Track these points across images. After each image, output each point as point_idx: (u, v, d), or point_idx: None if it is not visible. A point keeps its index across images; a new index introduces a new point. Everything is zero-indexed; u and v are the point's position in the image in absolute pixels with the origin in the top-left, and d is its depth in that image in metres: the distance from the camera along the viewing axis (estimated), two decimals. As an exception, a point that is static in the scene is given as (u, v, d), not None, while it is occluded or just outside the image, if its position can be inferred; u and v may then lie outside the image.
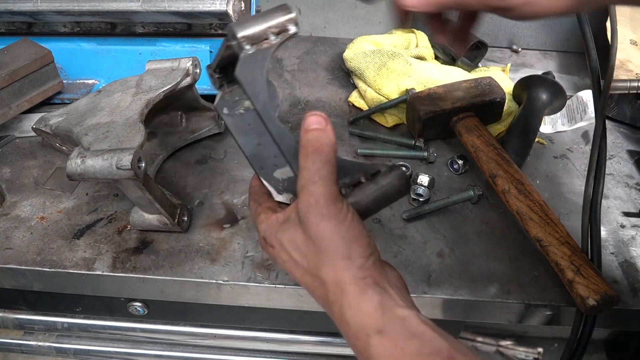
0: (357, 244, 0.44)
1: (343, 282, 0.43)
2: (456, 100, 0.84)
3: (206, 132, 0.87)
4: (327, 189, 0.44)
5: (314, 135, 0.45)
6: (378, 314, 0.42)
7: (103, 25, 0.91)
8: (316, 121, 0.45)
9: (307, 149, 0.45)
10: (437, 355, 0.40)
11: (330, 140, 0.45)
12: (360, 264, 0.44)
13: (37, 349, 0.89)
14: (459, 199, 0.76)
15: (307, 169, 0.44)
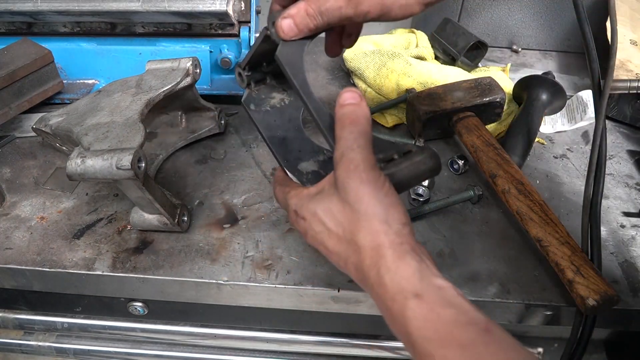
0: (395, 210, 0.45)
1: (381, 246, 0.44)
2: (456, 100, 0.84)
3: (206, 132, 0.87)
4: (365, 156, 0.45)
5: (349, 109, 0.47)
6: (416, 279, 0.42)
7: (103, 25, 0.91)
8: (351, 97, 0.48)
9: (344, 121, 0.47)
10: (474, 325, 0.40)
11: (365, 113, 0.48)
12: (397, 230, 0.44)
13: (37, 349, 0.89)
14: (459, 199, 0.76)
15: (344, 139, 0.46)
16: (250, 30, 0.90)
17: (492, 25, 1.17)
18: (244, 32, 0.90)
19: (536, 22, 1.16)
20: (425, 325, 0.41)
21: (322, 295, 0.65)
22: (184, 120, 0.86)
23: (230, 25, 0.90)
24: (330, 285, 0.64)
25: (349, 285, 0.64)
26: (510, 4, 1.14)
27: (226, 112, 0.90)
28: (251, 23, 0.90)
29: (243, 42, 0.90)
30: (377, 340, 0.81)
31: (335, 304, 0.66)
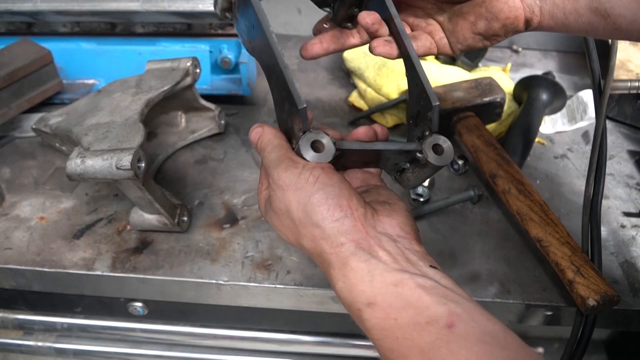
0: (323, 208, 0.41)
1: (323, 253, 0.41)
2: (456, 100, 0.84)
3: (206, 132, 0.87)
4: (281, 162, 0.44)
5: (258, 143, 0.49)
6: (366, 284, 0.39)
7: (103, 25, 0.91)
8: (256, 133, 0.49)
9: (261, 152, 0.48)
10: (434, 323, 0.36)
11: (269, 134, 0.48)
12: (334, 229, 0.41)
13: (36, 349, 0.89)
14: (459, 199, 0.75)
15: (265, 161, 0.46)
16: (250, 30, 0.90)
17: (492, 25, 1.16)
18: (243, 32, 0.90)
19: (536, 22, 1.16)
20: (385, 335, 0.38)
21: (322, 295, 0.65)
22: (184, 120, 0.86)
23: (230, 25, 0.90)
24: (330, 285, 0.64)
25: (349, 285, 0.64)
26: (511, 3, 1.13)
27: (226, 112, 0.90)
28: (251, 23, 0.90)
29: (243, 42, 0.90)
30: (377, 341, 0.81)
31: (335, 304, 0.66)
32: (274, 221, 0.46)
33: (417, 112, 0.51)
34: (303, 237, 0.43)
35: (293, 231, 0.44)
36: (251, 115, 0.95)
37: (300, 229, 0.43)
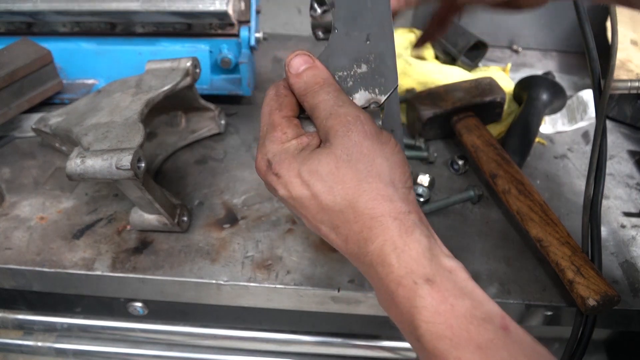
0: (402, 170, 0.39)
1: (385, 216, 0.37)
2: (456, 100, 0.84)
3: (206, 132, 0.87)
4: (360, 110, 0.40)
5: (309, 74, 0.42)
6: (426, 260, 0.36)
7: (103, 25, 0.91)
8: (303, 60, 0.42)
9: (313, 87, 0.41)
10: (491, 322, 0.34)
11: (326, 73, 0.42)
12: (404, 195, 0.38)
13: (36, 350, 0.89)
14: (459, 199, 0.75)
15: (325, 100, 0.40)
16: (250, 30, 0.90)
17: (492, 25, 1.16)
18: (244, 32, 0.90)
19: (536, 22, 1.16)
20: (437, 319, 0.34)
21: (322, 295, 0.65)
22: (184, 120, 0.86)
23: (230, 25, 0.90)
24: (330, 285, 0.64)
25: (349, 285, 0.64)
26: (511, 3, 1.13)
27: (226, 112, 0.90)
28: (251, 23, 0.90)
29: (243, 42, 0.90)
30: (377, 341, 0.81)
31: (335, 304, 0.66)
32: (319, 170, 0.39)
33: None
34: (363, 192, 0.38)
35: (349, 185, 0.38)
36: (251, 115, 0.95)
37: (364, 183, 0.38)
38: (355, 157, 0.38)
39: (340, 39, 0.44)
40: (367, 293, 0.64)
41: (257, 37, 0.91)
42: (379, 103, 0.42)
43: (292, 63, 0.42)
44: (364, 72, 0.43)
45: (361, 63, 0.43)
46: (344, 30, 0.44)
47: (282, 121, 0.43)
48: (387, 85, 0.42)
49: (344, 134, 0.39)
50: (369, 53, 0.43)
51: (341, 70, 0.44)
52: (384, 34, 0.43)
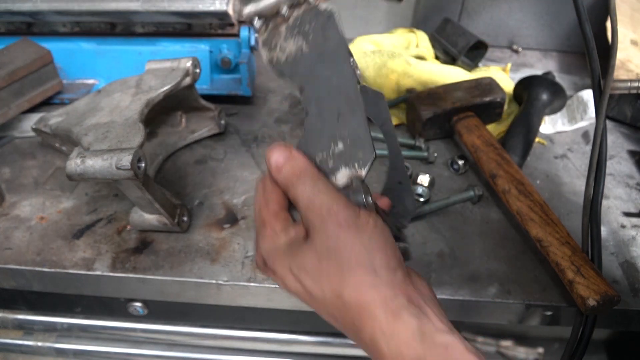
0: (382, 254, 0.39)
1: (371, 304, 0.37)
2: (456, 100, 0.84)
3: (206, 132, 0.87)
4: (334, 196, 0.40)
5: (287, 168, 0.42)
6: (417, 341, 0.36)
7: (103, 25, 0.91)
8: (281, 155, 0.42)
9: (291, 181, 0.42)
10: None
11: (303, 161, 0.42)
12: (387, 279, 0.38)
13: (36, 350, 0.89)
14: (459, 199, 0.75)
15: (302, 192, 0.41)
16: (250, 30, 0.90)
17: (492, 25, 1.16)
18: (243, 32, 0.90)
19: (536, 22, 1.16)
20: None
21: (322, 296, 0.65)
22: (184, 120, 0.86)
23: (230, 25, 0.90)
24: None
25: (349, 285, 0.64)
26: (511, 3, 1.14)
27: (226, 112, 0.90)
28: (251, 23, 0.90)
29: (243, 42, 0.90)
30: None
31: (335, 304, 0.66)
32: (305, 266, 0.40)
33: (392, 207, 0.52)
34: (347, 285, 0.38)
35: (333, 278, 0.39)
36: (251, 115, 0.94)
37: (346, 275, 0.38)
38: (333, 249, 0.38)
39: (314, 120, 0.45)
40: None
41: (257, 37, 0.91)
42: (361, 178, 0.42)
43: (271, 159, 0.42)
44: (341, 150, 0.43)
45: (337, 141, 0.43)
46: (316, 111, 0.45)
47: (270, 218, 0.43)
48: (365, 158, 0.42)
49: (320, 228, 0.39)
50: (342, 130, 0.43)
51: (321, 151, 0.44)
52: (353, 110, 0.43)
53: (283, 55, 0.46)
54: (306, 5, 0.46)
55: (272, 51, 0.47)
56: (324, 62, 0.45)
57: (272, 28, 0.47)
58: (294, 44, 0.46)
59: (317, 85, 0.45)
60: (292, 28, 0.46)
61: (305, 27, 0.46)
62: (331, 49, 0.44)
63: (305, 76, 0.45)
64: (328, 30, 0.44)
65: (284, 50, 0.46)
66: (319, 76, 0.45)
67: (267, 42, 0.47)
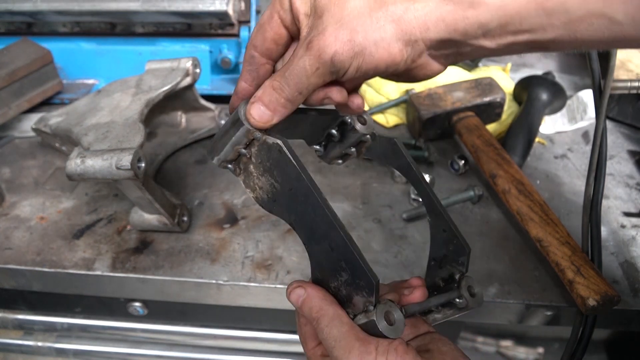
0: None
1: None
2: (456, 100, 0.84)
3: (206, 132, 0.87)
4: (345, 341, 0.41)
5: (305, 309, 0.44)
6: None
7: (103, 25, 0.91)
8: (297, 296, 0.44)
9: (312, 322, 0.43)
10: None
11: (319, 301, 0.43)
12: None
13: (36, 350, 0.89)
14: (459, 199, 0.75)
15: (322, 330, 0.42)
16: (250, 30, 0.90)
17: (492, 25, 1.16)
18: (243, 32, 0.90)
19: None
20: None
21: (322, 296, 0.65)
22: (184, 120, 0.86)
23: (230, 25, 0.90)
24: None
25: (349, 285, 0.64)
26: (511, 3, 1.13)
27: (226, 112, 0.90)
28: (251, 23, 0.90)
29: (243, 42, 0.90)
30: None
31: (335, 304, 0.66)
32: None
33: (443, 256, 0.52)
34: None
35: None
36: (251, 115, 0.94)
37: None
38: None
39: (315, 253, 0.45)
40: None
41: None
42: (372, 304, 0.42)
43: (292, 300, 0.44)
44: (347, 279, 0.43)
45: (340, 271, 0.43)
46: (312, 245, 0.45)
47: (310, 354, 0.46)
48: (368, 286, 0.42)
49: None
50: (339, 260, 0.43)
51: (332, 281, 0.44)
52: (338, 238, 0.42)
53: (263, 193, 0.47)
54: (256, 141, 0.46)
55: (254, 191, 0.47)
56: (297, 198, 0.44)
57: (244, 169, 0.47)
58: (266, 182, 0.46)
59: (302, 219, 0.45)
60: (257, 166, 0.46)
61: (267, 164, 0.46)
62: (294, 182, 0.44)
63: (289, 211, 0.45)
64: (283, 164, 0.44)
65: (262, 188, 0.47)
66: (300, 211, 0.45)
67: (246, 184, 0.48)
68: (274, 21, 0.45)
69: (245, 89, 0.50)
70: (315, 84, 0.43)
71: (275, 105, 0.44)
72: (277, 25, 0.46)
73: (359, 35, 0.41)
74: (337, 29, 0.41)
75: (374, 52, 0.41)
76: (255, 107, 0.44)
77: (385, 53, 0.42)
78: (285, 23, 0.46)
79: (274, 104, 0.44)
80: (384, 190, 0.78)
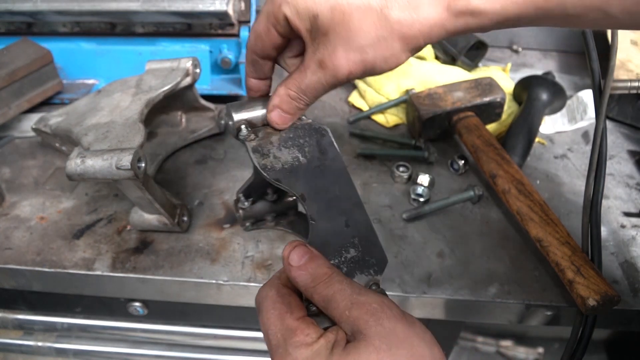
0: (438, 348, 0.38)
1: None
2: (456, 100, 0.84)
3: (206, 132, 0.87)
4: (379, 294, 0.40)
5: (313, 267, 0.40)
6: None
7: (103, 25, 0.91)
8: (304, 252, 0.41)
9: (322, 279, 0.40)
10: None
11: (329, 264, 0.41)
12: None
13: (36, 349, 0.89)
14: (459, 199, 0.75)
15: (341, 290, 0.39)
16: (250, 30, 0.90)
17: (492, 25, 1.16)
18: (244, 32, 0.90)
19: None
20: None
21: (322, 296, 0.65)
22: (184, 120, 0.86)
23: (230, 25, 0.90)
24: None
25: (349, 285, 0.64)
26: (511, 3, 1.13)
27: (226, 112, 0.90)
28: (251, 23, 0.90)
29: (243, 42, 0.90)
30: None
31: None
32: None
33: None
34: None
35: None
36: (251, 115, 0.94)
37: None
38: (394, 344, 0.36)
39: (320, 229, 0.44)
40: (367, 293, 0.64)
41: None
42: (378, 283, 0.42)
43: (292, 256, 0.40)
44: (354, 256, 0.43)
45: (349, 248, 0.43)
46: (322, 220, 0.45)
47: (299, 324, 0.39)
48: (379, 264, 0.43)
49: (376, 323, 0.37)
50: (353, 237, 0.44)
51: (332, 258, 0.43)
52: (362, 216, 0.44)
53: (278, 163, 0.48)
54: (298, 121, 0.51)
55: (265, 158, 0.48)
56: (324, 175, 0.47)
57: (263, 137, 0.50)
58: (289, 154, 0.49)
59: (320, 195, 0.46)
60: (285, 140, 0.50)
61: (299, 141, 0.50)
62: (329, 163, 0.48)
63: (305, 186, 0.47)
64: (324, 145, 0.49)
65: (279, 159, 0.48)
66: (321, 187, 0.47)
67: (258, 149, 0.49)
68: (271, 33, 0.49)
69: (257, 84, 0.54)
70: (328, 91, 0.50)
71: (295, 110, 0.51)
72: (275, 36, 0.49)
73: (369, 56, 0.46)
74: (348, 50, 0.45)
75: (384, 66, 0.47)
76: (276, 113, 0.51)
77: (393, 63, 0.47)
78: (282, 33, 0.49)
79: (293, 110, 0.50)
80: (384, 190, 0.78)
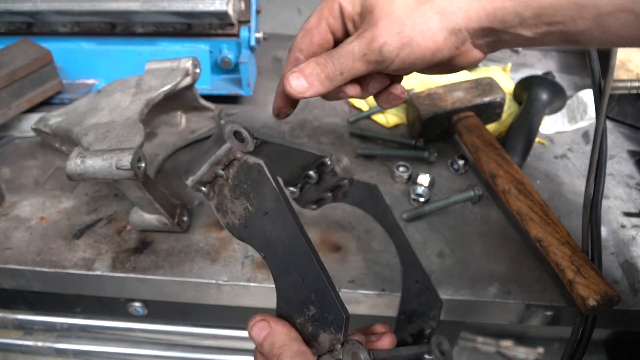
0: None
1: None
2: (456, 100, 0.84)
3: (206, 132, 0.87)
4: None
5: (267, 344, 0.41)
6: None
7: (103, 25, 0.91)
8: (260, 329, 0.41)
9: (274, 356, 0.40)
10: None
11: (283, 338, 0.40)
12: None
13: (36, 350, 0.89)
14: (459, 199, 0.75)
15: None
16: (250, 30, 0.90)
17: (492, 25, 1.16)
18: (243, 32, 0.90)
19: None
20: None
21: (322, 296, 0.65)
22: (184, 120, 0.86)
23: (230, 25, 0.90)
24: (330, 285, 0.64)
25: (349, 285, 0.64)
26: (511, 3, 1.13)
27: (226, 112, 0.90)
28: (251, 23, 0.90)
29: (243, 42, 0.90)
30: (377, 341, 0.81)
31: (335, 304, 0.66)
32: None
33: (414, 309, 0.50)
34: None
35: None
36: (251, 115, 0.94)
37: None
38: None
39: (283, 284, 0.43)
40: (367, 293, 0.64)
41: (257, 37, 0.91)
42: (340, 341, 0.40)
43: (252, 335, 0.41)
44: (315, 313, 0.41)
45: (309, 305, 0.41)
46: (281, 274, 0.43)
47: None
48: (337, 321, 0.40)
49: None
50: (309, 292, 0.41)
51: (298, 317, 0.42)
52: (312, 269, 0.41)
53: (235, 219, 0.45)
54: (237, 161, 0.44)
55: (226, 216, 0.46)
56: (273, 222, 0.43)
57: (219, 192, 0.46)
58: (240, 205, 0.45)
59: (273, 247, 0.44)
60: (233, 189, 0.45)
61: (243, 186, 0.44)
62: (270, 205, 0.43)
63: (260, 239, 0.44)
64: (261, 185, 0.43)
65: (235, 212, 0.45)
66: (271, 237, 0.43)
67: (219, 208, 0.46)
68: (322, 27, 0.49)
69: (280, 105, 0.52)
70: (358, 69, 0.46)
71: (314, 79, 0.47)
72: (325, 31, 0.49)
73: (407, 28, 0.45)
74: (389, 22, 0.45)
75: (420, 42, 0.45)
76: (295, 75, 0.47)
77: (430, 42, 0.45)
78: (332, 29, 0.49)
79: (313, 77, 0.47)
80: (384, 190, 0.78)
